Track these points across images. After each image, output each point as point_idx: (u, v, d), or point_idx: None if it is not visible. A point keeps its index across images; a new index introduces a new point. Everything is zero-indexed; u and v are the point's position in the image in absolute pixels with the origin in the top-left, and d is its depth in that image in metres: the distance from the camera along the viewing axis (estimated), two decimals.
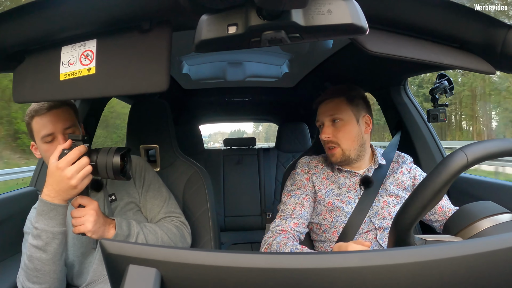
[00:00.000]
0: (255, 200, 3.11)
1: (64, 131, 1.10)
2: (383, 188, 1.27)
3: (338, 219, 1.23)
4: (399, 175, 1.31)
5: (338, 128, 1.24)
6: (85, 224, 0.97)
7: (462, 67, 0.88)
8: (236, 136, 63.31)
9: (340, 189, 1.28)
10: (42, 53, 0.82)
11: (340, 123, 1.25)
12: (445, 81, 1.50)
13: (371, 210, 1.22)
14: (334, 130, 1.25)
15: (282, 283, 0.43)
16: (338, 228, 1.22)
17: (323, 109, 1.29)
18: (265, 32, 0.61)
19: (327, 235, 1.25)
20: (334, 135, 1.24)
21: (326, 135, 1.25)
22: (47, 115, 1.09)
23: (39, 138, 1.09)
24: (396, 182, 1.29)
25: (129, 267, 0.43)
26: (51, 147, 1.07)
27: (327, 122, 1.26)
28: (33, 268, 0.96)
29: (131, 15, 0.74)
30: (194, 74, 2.43)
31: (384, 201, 1.24)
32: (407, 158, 1.40)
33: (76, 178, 0.93)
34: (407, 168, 1.34)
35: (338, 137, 1.24)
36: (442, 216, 1.25)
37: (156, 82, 0.75)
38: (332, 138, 1.24)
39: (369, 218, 1.22)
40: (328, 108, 1.27)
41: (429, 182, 0.64)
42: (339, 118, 1.24)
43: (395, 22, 0.80)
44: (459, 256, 0.43)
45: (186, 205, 1.51)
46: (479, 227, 0.69)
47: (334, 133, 1.24)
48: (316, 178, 1.30)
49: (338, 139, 1.24)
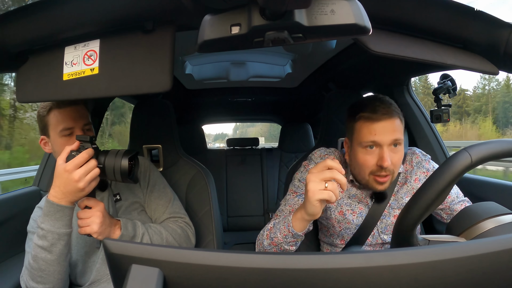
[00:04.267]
0: (258, 200, 3.11)
1: (84, 127, 1.13)
2: (394, 200, 1.17)
3: (346, 230, 1.19)
4: (413, 184, 1.18)
5: (397, 152, 1.06)
6: (91, 226, 0.98)
7: (465, 67, 0.87)
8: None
9: (351, 199, 1.19)
10: (46, 53, 0.82)
11: (399, 147, 1.06)
12: (448, 81, 1.49)
13: (380, 224, 1.17)
14: (394, 155, 1.05)
15: (285, 283, 0.43)
16: (346, 238, 1.20)
17: (384, 128, 1.04)
18: (268, 32, 0.61)
19: (334, 240, 1.23)
20: (393, 161, 1.04)
21: (388, 162, 1.03)
22: (68, 109, 1.10)
23: (56, 131, 1.10)
24: (410, 192, 1.18)
25: (132, 266, 0.43)
26: (69, 141, 1.08)
27: (387, 146, 1.04)
28: (37, 268, 0.97)
29: (134, 16, 0.74)
30: (197, 74, 2.43)
31: (395, 216, 1.15)
32: (422, 158, 1.23)
33: (84, 181, 0.94)
34: (422, 172, 1.20)
35: (396, 164, 1.06)
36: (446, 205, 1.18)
37: (159, 82, 0.75)
38: (391, 165, 1.04)
39: (377, 232, 1.17)
40: (391, 128, 1.04)
41: (433, 182, 0.64)
42: (399, 142, 1.06)
43: (398, 22, 0.80)
44: (463, 257, 0.43)
45: (189, 205, 1.51)
46: (482, 227, 0.69)
47: (393, 158, 1.05)
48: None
49: (395, 166, 1.06)
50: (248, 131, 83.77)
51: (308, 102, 3.12)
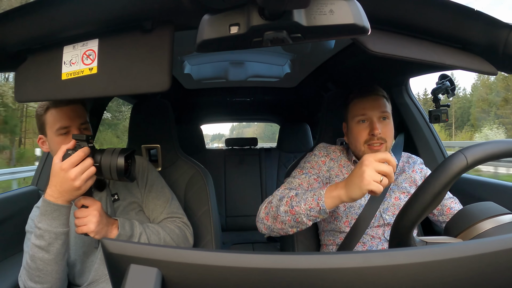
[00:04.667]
0: (257, 200, 3.10)
1: (80, 126, 1.12)
2: (395, 185, 1.28)
3: (351, 209, 1.23)
4: (411, 173, 1.32)
5: (386, 125, 1.22)
6: (88, 225, 0.98)
7: (464, 67, 0.87)
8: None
9: None
10: (44, 52, 0.82)
11: (387, 120, 1.23)
12: (447, 81, 1.49)
13: (382, 206, 1.22)
14: (383, 127, 1.21)
15: (284, 283, 0.43)
16: (350, 219, 1.22)
17: (372, 104, 1.23)
18: (267, 32, 0.61)
19: (338, 223, 1.24)
20: (383, 132, 1.21)
21: (379, 130, 1.20)
22: (65, 108, 1.10)
23: (53, 130, 1.10)
24: (408, 179, 1.30)
25: (130, 266, 0.43)
26: (65, 140, 1.08)
27: (376, 118, 1.22)
28: (35, 267, 0.96)
29: (133, 15, 0.74)
30: (196, 74, 2.43)
31: (395, 197, 1.25)
32: (417, 159, 1.41)
33: (80, 179, 0.93)
34: (419, 168, 1.35)
35: (387, 134, 1.22)
36: (450, 217, 1.23)
37: (158, 81, 0.75)
38: (382, 134, 1.20)
39: (379, 213, 1.22)
40: (378, 104, 1.23)
41: (429, 184, 0.64)
42: (387, 116, 1.23)
43: (397, 23, 0.80)
44: (461, 257, 0.43)
45: (188, 205, 1.51)
46: (480, 228, 0.69)
47: (383, 129, 1.21)
48: (333, 163, 1.30)
49: (386, 136, 1.21)
50: (244, 131, 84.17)
51: (307, 102, 3.12)
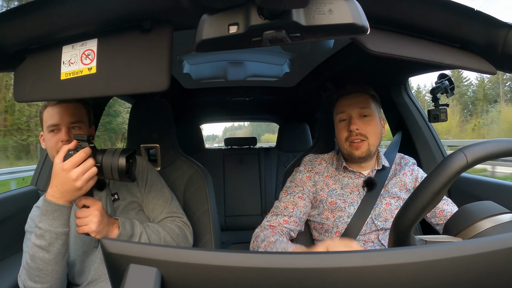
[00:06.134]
0: (256, 200, 3.11)
1: (70, 124, 1.14)
2: (385, 190, 1.27)
3: (340, 219, 1.22)
4: (401, 177, 1.31)
5: (366, 122, 1.23)
6: (89, 225, 0.98)
7: (463, 67, 0.87)
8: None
9: (343, 190, 1.27)
10: (43, 52, 0.82)
11: (368, 118, 1.24)
12: (446, 81, 1.50)
13: (373, 212, 1.22)
14: (363, 124, 1.22)
15: (283, 282, 0.43)
16: (341, 228, 1.22)
17: (351, 101, 1.26)
18: (266, 32, 0.61)
19: (329, 234, 1.24)
20: (363, 128, 1.22)
21: (356, 126, 1.21)
22: (57, 106, 1.14)
23: (45, 127, 1.14)
24: (398, 184, 1.29)
25: (129, 266, 0.43)
26: (54, 138, 1.13)
27: (356, 115, 1.24)
28: (35, 267, 0.96)
29: (132, 15, 0.74)
30: (195, 73, 2.43)
31: (386, 203, 1.24)
32: (409, 160, 1.39)
33: (81, 180, 0.94)
34: (409, 170, 1.34)
35: (367, 130, 1.22)
36: (443, 219, 1.24)
37: (157, 81, 0.75)
38: (361, 130, 1.22)
39: (371, 220, 1.21)
40: (357, 101, 1.25)
41: (428, 183, 0.64)
42: (368, 113, 1.24)
43: (396, 22, 0.80)
44: (460, 256, 0.43)
45: (187, 204, 1.51)
46: (479, 227, 0.68)
47: (363, 126, 1.22)
48: (319, 177, 1.30)
49: (367, 133, 1.22)
50: (236, 133, 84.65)
51: (306, 101, 3.12)
